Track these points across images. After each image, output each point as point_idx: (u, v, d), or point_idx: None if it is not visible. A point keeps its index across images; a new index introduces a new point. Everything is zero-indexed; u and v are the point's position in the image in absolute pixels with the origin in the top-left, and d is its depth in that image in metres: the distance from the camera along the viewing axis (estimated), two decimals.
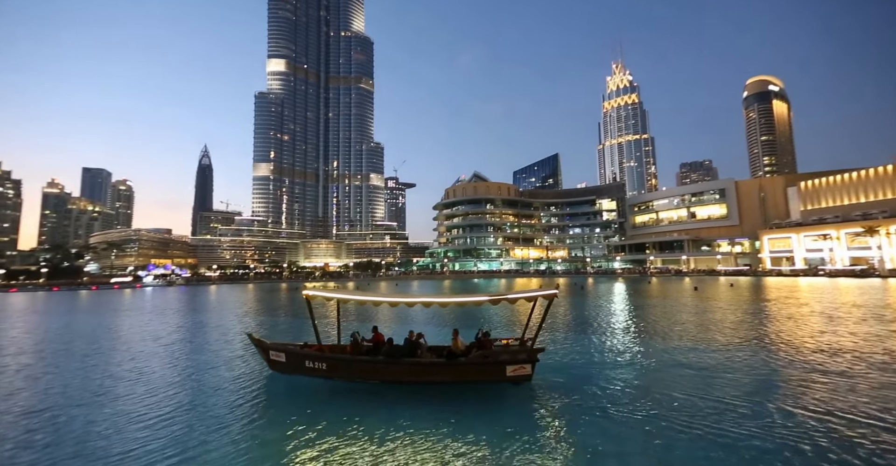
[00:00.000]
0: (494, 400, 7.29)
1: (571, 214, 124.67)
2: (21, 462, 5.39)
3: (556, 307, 24.72)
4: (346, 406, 7.10)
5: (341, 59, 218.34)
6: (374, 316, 20.35)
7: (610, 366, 10.10)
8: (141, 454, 5.39)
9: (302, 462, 5.11)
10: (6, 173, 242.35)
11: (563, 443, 5.57)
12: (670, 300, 28.36)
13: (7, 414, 7.21)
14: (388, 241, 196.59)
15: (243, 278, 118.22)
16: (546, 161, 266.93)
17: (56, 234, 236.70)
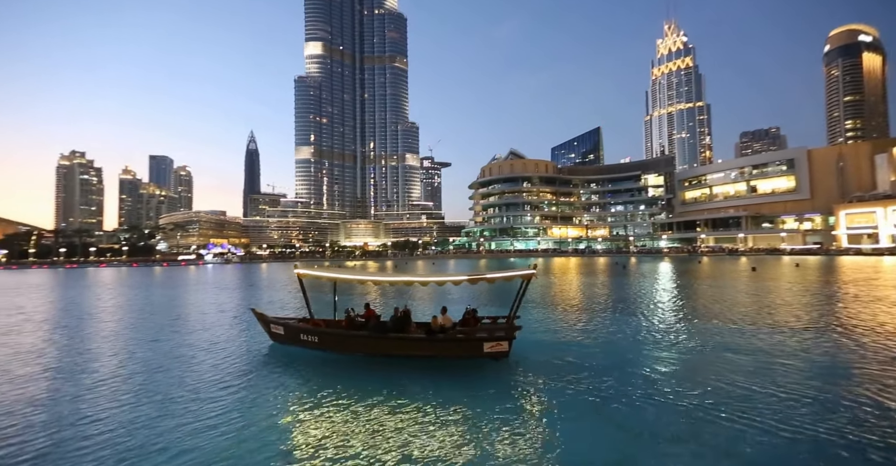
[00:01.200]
0: (470, 374, 7.57)
1: (613, 191, 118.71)
2: (134, 397, 6.69)
3: (594, 287, 24.22)
4: (333, 375, 7.73)
5: (375, 38, 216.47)
6: (383, 294, 21.08)
7: (640, 348, 9.79)
8: (181, 394, 6.60)
9: (283, 419, 5.80)
10: (90, 162, 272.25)
11: (533, 419, 5.74)
12: (723, 280, 26.49)
13: (118, 376, 8.71)
14: (424, 221, 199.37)
15: (290, 257, 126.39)
16: (586, 136, 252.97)
17: (132, 216, 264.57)
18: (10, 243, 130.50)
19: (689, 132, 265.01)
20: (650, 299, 17.98)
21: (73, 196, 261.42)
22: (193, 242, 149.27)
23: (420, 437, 5.11)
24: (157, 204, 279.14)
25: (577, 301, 18.06)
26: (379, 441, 5.02)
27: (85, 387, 7.41)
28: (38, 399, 6.86)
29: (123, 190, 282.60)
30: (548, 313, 14.82)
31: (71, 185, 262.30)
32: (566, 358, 8.77)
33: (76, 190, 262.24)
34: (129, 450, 4.93)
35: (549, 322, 13.10)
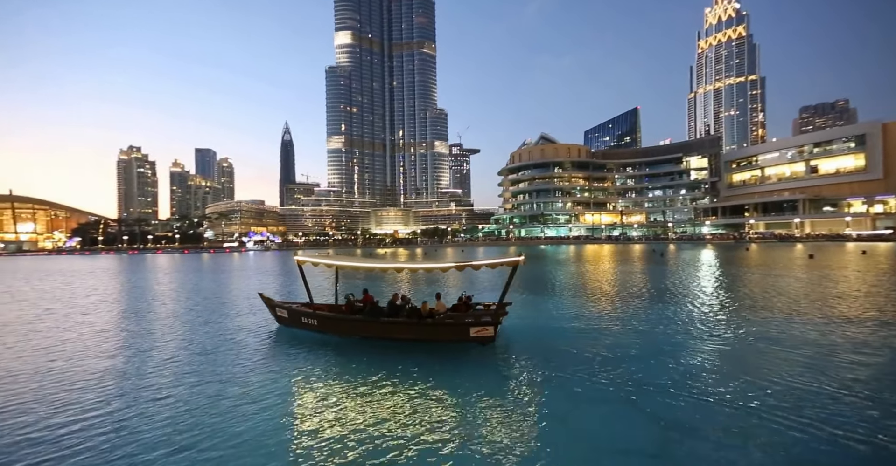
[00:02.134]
0: (457, 356, 7.82)
1: (651, 175, 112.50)
2: (186, 360, 7.50)
3: (630, 275, 23.44)
4: (329, 355, 8.17)
5: (403, 24, 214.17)
6: (390, 281, 21.59)
7: (674, 337, 9.49)
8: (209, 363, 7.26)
9: (280, 392, 6.25)
10: (145, 156, 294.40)
11: (512, 400, 5.84)
12: (775, 269, 24.55)
13: (182, 350, 9.71)
14: (453, 208, 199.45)
15: (324, 244, 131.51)
16: (622, 117, 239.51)
17: (182, 206, 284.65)
18: (83, 231, 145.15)
19: (738, 109, 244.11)
20: (689, 287, 17.15)
21: (132, 188, 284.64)
22: (236, 230, 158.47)
23: (404, 413, 5.38)
24: (203, 194, 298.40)
25: (608, 288, 17.67)
26: (368, 416, 5.32)
27: (147, 362, 8.39)
28: (117, 371, 7.86)
29: (174, 181, 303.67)
30: (575, 301, 14.69)
31: (130, 178, 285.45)
32: (587, 346, 8.76)
33: (134, 182, 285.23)
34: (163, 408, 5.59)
35: (574, 309, 13.00)
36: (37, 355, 8.41)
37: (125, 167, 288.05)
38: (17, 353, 8.56)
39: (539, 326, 10.40)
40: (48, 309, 14.57)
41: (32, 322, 12.22)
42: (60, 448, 4.63)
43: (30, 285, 24.31)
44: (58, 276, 30.62)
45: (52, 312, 14.03)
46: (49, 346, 9.02)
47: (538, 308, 13.06)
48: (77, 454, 4.50)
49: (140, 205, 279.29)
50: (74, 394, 6.26)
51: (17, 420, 5.38)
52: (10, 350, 8.73)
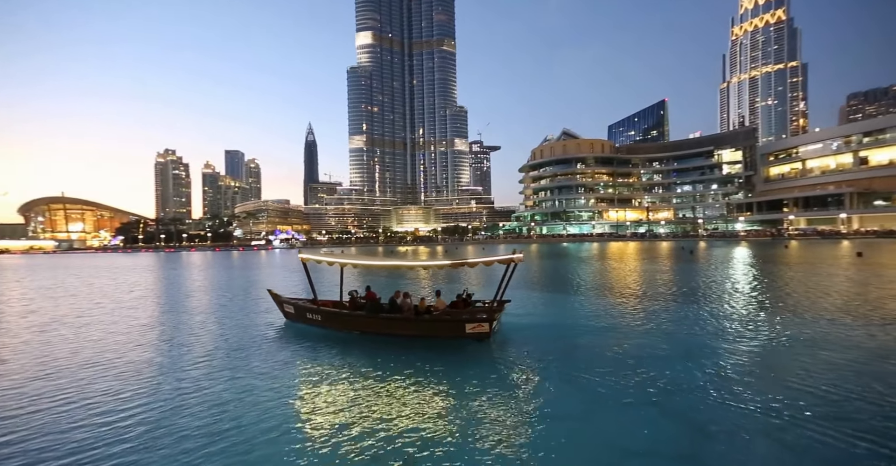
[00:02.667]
0: (452, 352, 7.99)
1: (680, 170, 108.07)
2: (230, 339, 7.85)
3: (656, 273, 22.69)
4: (330, 349, 8.48)
5: (423, 22, 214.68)
6: (399, 278, 21.88)
7: (701, 338, 9.15)
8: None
9: (285, 383, 6.57)
10: (179, 158, 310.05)
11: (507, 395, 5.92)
12: (818, 267, 23.03)
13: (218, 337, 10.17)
14: (473, 206, 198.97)
15: (346, 242, 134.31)
16: (649, 110, 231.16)
17: (213, 206, 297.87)
18: (125, 231, 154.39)
19: (777, 98, 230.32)
20: (722, 286, 16.39)
21: (168, 189, 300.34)
22: (263, 229, 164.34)
23: (400, 405, 5.60)
24: (232, 194, 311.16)
25: (632, 287, 17.17)
26: (365, 408, 5.52)
27: (177, 353, 8.91)
28: (154, 362, 8.40)
29: (205, 182, 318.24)
30: (597, 299, 14.39)
31: (166, 179, 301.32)
32: (607, 345, 8.59)
33: (170, 183, 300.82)
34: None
35: (595, 307, 12.74)
36: (87, 346, 9.09)
37: (162, 169, 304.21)
38: (72, 344, 9.28)
39: (556, 324, 10.27)
40: (98, 303, 15.66)
41: (84, 315, 13.19)
42: (100, 432, 5.02)
43: (81, 280, 26.20)
44: (104, 273, 32.82)
45: (101, 306, 15.07)
46: (99, 338, 9.71)
47: (557, 305, 12.89)
48: (118, 438, 4.86)
49: (175, 205, 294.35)
50: (118, 384, 6.73)
51: (70, 407, 5.86)
52: (67, 341, 9.48)
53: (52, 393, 6.30)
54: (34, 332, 10.68)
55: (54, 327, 11.25)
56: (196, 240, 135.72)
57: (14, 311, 14.46)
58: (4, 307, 15.53)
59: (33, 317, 12.99)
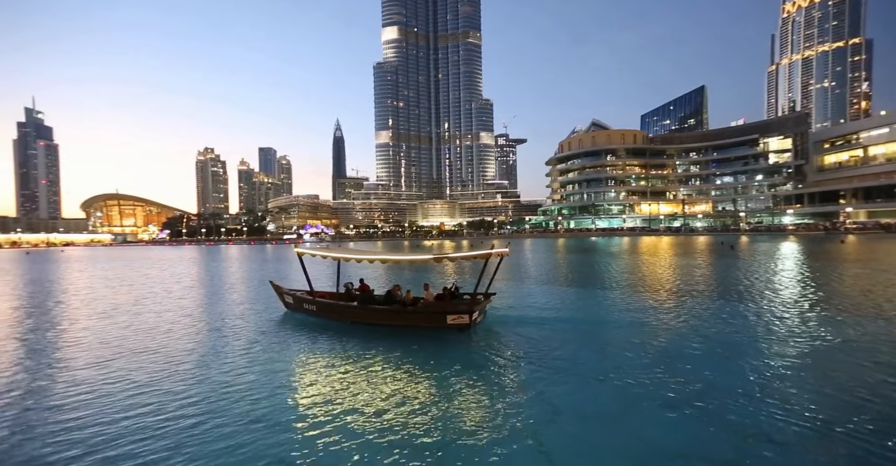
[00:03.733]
0: (434, 340, 8.48)
1: (720, 160, 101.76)
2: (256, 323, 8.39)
3: (692, 269, 21.73)
4: (323, 337, 9.06)
5: (449, 15, 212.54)
6: (399, 271, 22.39)
7: (744, 338, 8.68)
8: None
9: (283, 366, 7.17)
10: (217, 156, 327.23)
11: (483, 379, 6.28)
12: (881, 264, 21.01)
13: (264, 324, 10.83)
14: (499, 200, 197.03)
15: (373, 236, 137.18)
16: (686, 98, 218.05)
17: (248, 201, 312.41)
18: (171, 225, 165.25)
19: (834, 79, 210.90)
20: (766, 284, 15.42)
21: (208, 185, 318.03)
22: (294, 223, 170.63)
23: (380, 386, 6.11)
24: (265, 190, 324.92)
25: (665, 282, 16.54)
26: (355, 390, 5.99)
27: (213, 340, 9.58)
28: (194, 347, 9.11)
29: (241, 178, 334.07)
30: (626, 295, 14.02)
31: (206, 176, 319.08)
32: (633, 341, 8.41)
33: (209, 180, 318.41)
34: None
35: (624, 304, 12.44)
36: (139, 333, 9.94)
37: (202, 166, 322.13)
38: (129, 330, 10.21)
39: (578, 319, 10.13)
40: (151, 292, 17.05)
41: (139, 303, 14.43)
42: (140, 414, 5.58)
43: (135, 271, 28.54)
44: (155, 264, 35.50)
45: (154, 294, 16.42)
46: (152, 326, 10.61)
47: (583, 300, 12.69)
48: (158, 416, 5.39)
49: (214, 201, 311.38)
50: (166, 370, 7.39)
51: (127, 391, 6.52)
52: (125, 328, 10.43)
53: (106, 377, 7.02)
54: (96, 319, 11.81)
55: (113, 314, 12.40)
56: (233, 234, 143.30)
57: (79, 299, 16.03)
58: (71, 295, 17.23)
59: (95, 305, 14.35)
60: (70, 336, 9.75)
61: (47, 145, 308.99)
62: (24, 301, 15.75)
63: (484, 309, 9.78)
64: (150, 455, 4.34)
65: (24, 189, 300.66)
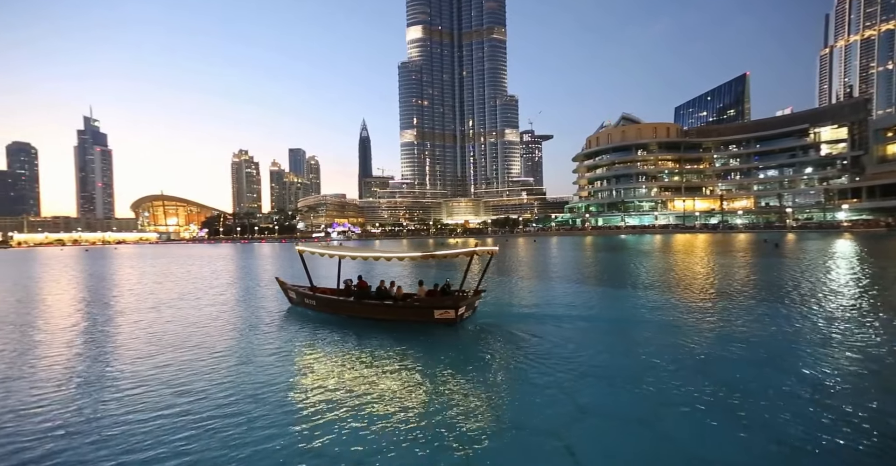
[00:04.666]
0: (422, 333, 8.92)
1: (763, 152, 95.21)
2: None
3: (731, 268, 20.60)
4: (322, 329, 9.64)
5: (473, 11, 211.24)
6: (402, 268, 22.24)
7: (783, 343, 8.14)
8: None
9: (283, 354, 7.77)
10: (251, 157, 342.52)
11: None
12: None
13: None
14: (524, 197, 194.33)
15: (398, 234, 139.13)
16: (725, 87, 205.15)
17: (279, 201, 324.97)
18: (209, 224, 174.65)
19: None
20: (817, 284, 14.31)
21: (242, 185, 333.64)
22: (322, 222, 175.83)
23: (372, 375, 6.51)
24: (295, 190, 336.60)
25: (701, 282, 15.72)
26: (345, 377, 6.46)
27: (242, 332, 10.06)
28: (228, 340, 9.62)
29: (273, 179, 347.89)
30: (656, 294, 13.46)
31: (240, 177, 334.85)
32: (667, 342, 8.08)
33: (243, 181, 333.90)
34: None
35: (655, 303, 11.96)
36: (179, 327, 10.64)
37: (237, 168, 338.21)
38: (171, 325, 10.93)
39: (602, 317, 9.89)
40: (196, 288, 18.16)
41: (182, 298, 15.43)
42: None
43: (179, 267, 30.49)
44: (196, 261, 37.76)
45: (197, 289, 17.49)
46: (195, 321, 11.24)
47: (610, 298, 12.34)
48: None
49: (248, 201, 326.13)
50: (208, 362, 7.87)
51: (170, 379, 7.01)
52: (168, 323, 11.13)
53: (149, 369, 7.58)
54: (145, 312, 12.74)
55: (160, 308, 13.33)
56: (265, 233, 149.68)
57: (132, 293, 17.34)
58: (125, 290, 18.65)
59: (146, 299, 15.49)
60: (123, 329, 10.59)
61: (102, 150, 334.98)
62: (87, 294, 17.25)
63: (473, 305, 10.10)
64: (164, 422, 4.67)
65: (83, 191, 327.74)
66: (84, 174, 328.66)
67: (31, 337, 9.55)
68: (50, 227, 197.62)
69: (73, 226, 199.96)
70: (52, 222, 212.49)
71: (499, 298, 13.28)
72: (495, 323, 9.69)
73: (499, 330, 9.01)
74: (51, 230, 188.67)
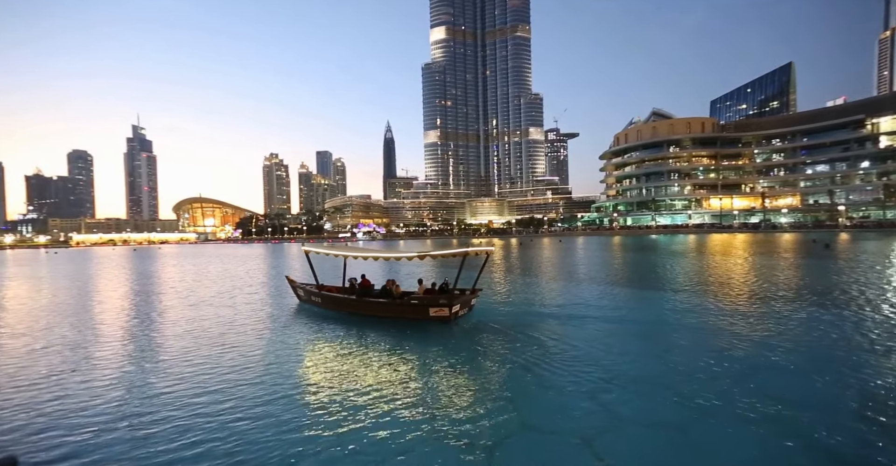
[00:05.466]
0: (416, 330, 9.29)
1: (811, 146, 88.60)
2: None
3: (778, 270, 19.29)
4: (326, 325, 10.24)
5: (497, 9, 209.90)
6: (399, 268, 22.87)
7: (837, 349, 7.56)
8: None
9: (291, 346, 8.39)
10: (281, 161, 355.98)
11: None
12: None
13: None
14: (549, 197, 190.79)
15: (422, 234, 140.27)
16: (767, 78, 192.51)
17: (307, 202, 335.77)
18: (243, 225, 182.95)
19: None
20: (875, 288, 13.15)
21: (273, 187, 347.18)
22: (348, 222, 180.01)
23: (366, 367, 6.92)
24: (322, 191, 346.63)
25: (740, 284, 14.76)
26: (344, 369, 6.85)
27: (258, 329, 10.41)
28: (257, 335, 9.99)
29: (301, 181, 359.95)
30: (690, 297, 12.79)
31: (271, 180, 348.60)
32: (702, 347, 7.66)
33: (274, 183, 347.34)
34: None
35: (689, 305, 11.38)
36: (215, 325, 11.19)
37: (268, 171, 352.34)
38: (208, 322, 11.48)
39: (632, 319, 9.48)
40: (234, 287, 19.04)
41: (219, 295, 16.25)
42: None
43: (217, 266, 32.12)
44: (232, 260, 39.68)
45: (232, 288, 18.37)
46: (231, 319, 11.76)
47: (638, 300, 11.84)
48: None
49: (278, 202, 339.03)
50: (242, 360, 8.24)
51: (201, 369, 7.40)
52: (205, 320, 11.70)
53: (188, 365, 8.02)
54: (187, 309, 13.51)
55: (199, 305, 14.08)
56: (294, 233, 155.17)
57: (175, 291, 18.44)
58: (168, 287, 19.86)
59: (187, 297, 16.44)
60: (166, 326, 11.28)
61: (148, 156, 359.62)
62: (135, 291, 18.53)
63: (469, 304, 10.43)
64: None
65: (131, 194, 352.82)
66: (132, 178, 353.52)
67: (84, 334, 10.30)
68: (103, 228, 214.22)
69: (122, 228, 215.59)
70: (105, 223, 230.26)
71: (523, 299, 13.09)
72: (519, 324, 9.56)
73: (523, 332, 8.84)
74: (104, 231, 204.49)
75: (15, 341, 9.43)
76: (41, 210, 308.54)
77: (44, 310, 13.57)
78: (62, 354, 8.21)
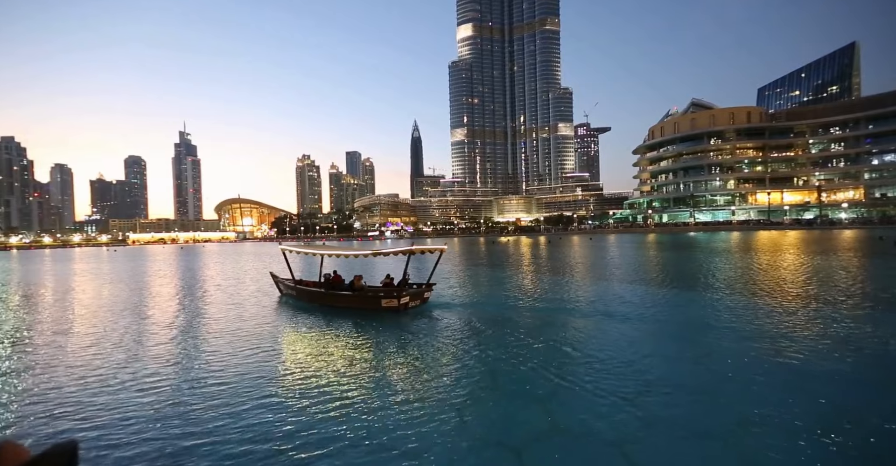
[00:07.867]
0: (371, 318, 10.65)
1: (878, 134, 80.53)
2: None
3: (836, 270, 17.77)
4: (300, 313, 11.76)
5: (525, 3, 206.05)
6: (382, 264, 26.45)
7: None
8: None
9: (268, 333, 9.42)
10: (312, 161, 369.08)
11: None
12: None
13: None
14: (579, 194, 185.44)
15: (450, 232, 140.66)
16: (825, 61, 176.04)
17: (337, 201, 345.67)
18: (277, 224, 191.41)
19: None
20: None
21: (305, 188, 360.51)
22: (377, 221, 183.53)
23: (336, 351, 7.83)
24: (352, 191, 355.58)
25: (792, 285, 13.64)
26: (314, 352, 7.75)
27: (265, 321, 10.77)
28: (272, 326, 10.39)
29: (331, 181, 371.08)
30: (731, 297, 11.96)
31: (304, 180, 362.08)
32: (746, 352, 7.16)
33: (306, 183, 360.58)
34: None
35: (726, 306, 10.68)
36: (240, 321, 11.80)
37: (300, 172, 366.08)
38: (237, 317, 12.14)
39: (670, 320, 8.99)
40: (270, 283, 20.01)
41: (259, 291, 17.12)
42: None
43: (254, 264, 33.85)
44: (268, 258, 41.63)
45: (270, 285, 19.31)
46: (252, 315, 12.33)
47: (675, 300, 11.22)
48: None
49: (310, 202, 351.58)
50: (244, 352, 8.62)
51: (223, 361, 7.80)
52: (240, 318, 12.33)
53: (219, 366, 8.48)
54: (225, 306, 14.32)
55: (241, 303, 14.91)
56: (325, 232, 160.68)
57: (219, 289, 19.61)
58: (211, 285, 21.14)
59: (230, 295, 17.47)
60: (206, 323, 12.01)
61: (193, 160, 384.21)
62: (182, 287, 19.90)
63: (422, 296, 11.70)
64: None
65: (178, 196, 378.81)
66: (179, 181, 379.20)
67: (134, 328, 11.16)
68: (154, 228, 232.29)
69: (171, 227, 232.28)
70: (157, 223, 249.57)
71: (554, 297, 12.82)
72: (548, 323, 9.41)
73: (552, 331, 8.67)
74: (155, 230, 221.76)
75: (77, 339, 10.41)
76: (103, 211, 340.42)
77: (103, 308, 14.87)
78: (126, 348, 8.98)
